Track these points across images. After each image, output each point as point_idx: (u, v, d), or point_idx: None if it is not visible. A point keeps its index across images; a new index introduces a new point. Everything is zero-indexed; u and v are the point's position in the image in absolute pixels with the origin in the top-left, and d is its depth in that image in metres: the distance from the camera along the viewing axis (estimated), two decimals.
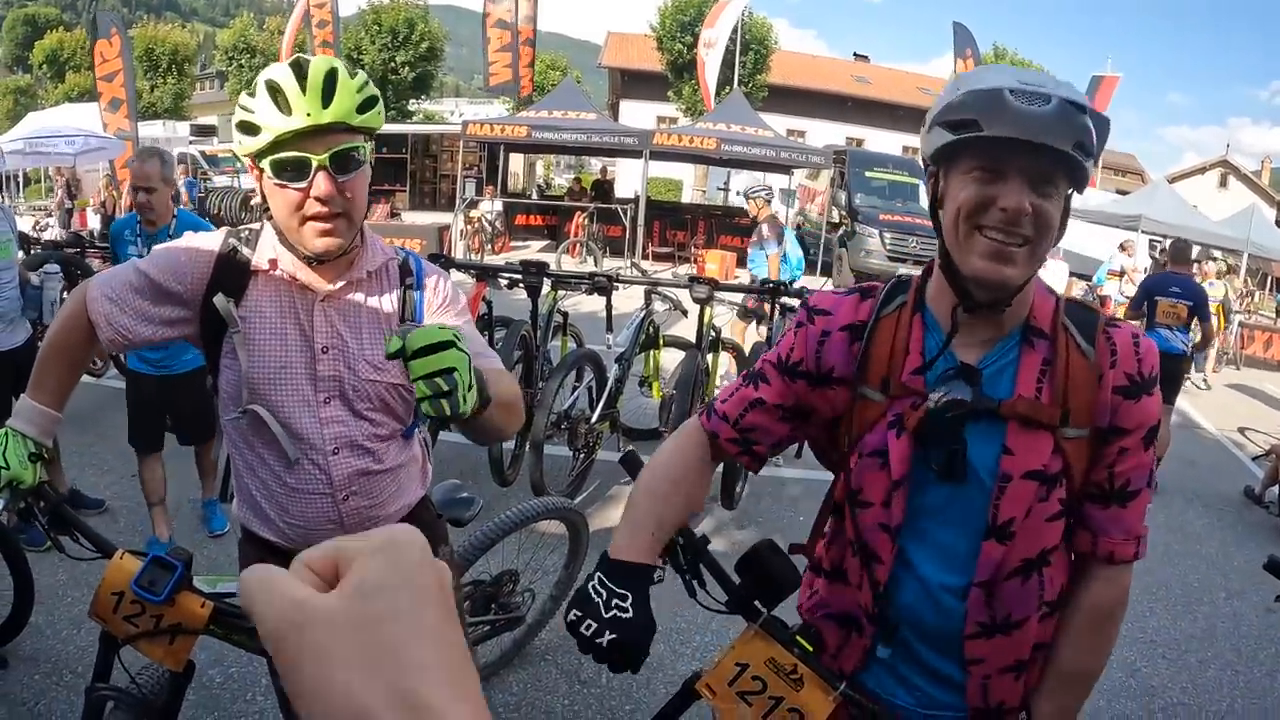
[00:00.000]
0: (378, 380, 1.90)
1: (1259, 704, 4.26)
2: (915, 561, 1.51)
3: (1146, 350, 1.46)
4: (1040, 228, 1.35)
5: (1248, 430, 10.30)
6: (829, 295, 1.63)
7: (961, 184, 1.38)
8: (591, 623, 1.45)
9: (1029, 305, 1.47)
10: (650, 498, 1.61)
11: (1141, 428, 1.44)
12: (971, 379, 1.44)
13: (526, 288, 5.44)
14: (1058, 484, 1.43)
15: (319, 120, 1.66)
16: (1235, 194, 38.73)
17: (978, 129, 1.32)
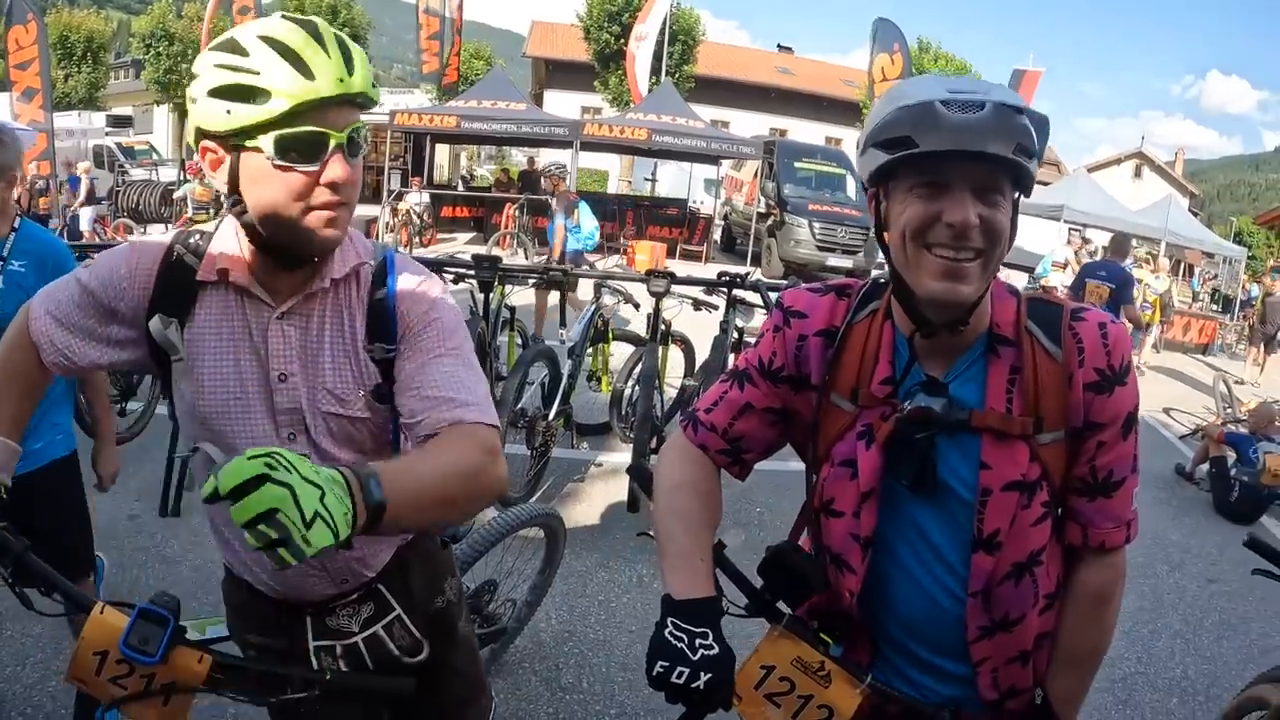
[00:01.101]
0: (341, 414, 1.59)
1: (1209, 668, 4.45)
2: (911, 569, 1.51)
3: (1115, 339, 1.42)
4: (991, 238, 1.31)
5: (1173, 411, 10.70)
6: (803, 295, 1.59)
7: (904, 203, 1.34)
8: (683, 669, 1.35)
9: (989, 313, 1.44)
10: (683, 524, 1.56)
11: (1117, 419, 1.42)
12: (939, 392, 1.42)
13: (479, 283, 5.34)
14: (1038, 489, 1.42)
15: (349, 89, 1.37)
16: (1149, 184, 40.15)
17: (912, 145, 1.27)
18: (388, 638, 1.77)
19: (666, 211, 20.93)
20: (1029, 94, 23.99)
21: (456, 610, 1.96)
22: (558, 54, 36.65)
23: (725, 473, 1.67)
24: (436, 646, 1.86)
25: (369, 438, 1.64)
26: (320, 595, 1.70)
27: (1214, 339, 17.33)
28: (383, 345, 1.57)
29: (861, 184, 1.42)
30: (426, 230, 18.51)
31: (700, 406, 1.68)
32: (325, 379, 1.56)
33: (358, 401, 1.58)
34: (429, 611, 1.85)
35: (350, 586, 1.71)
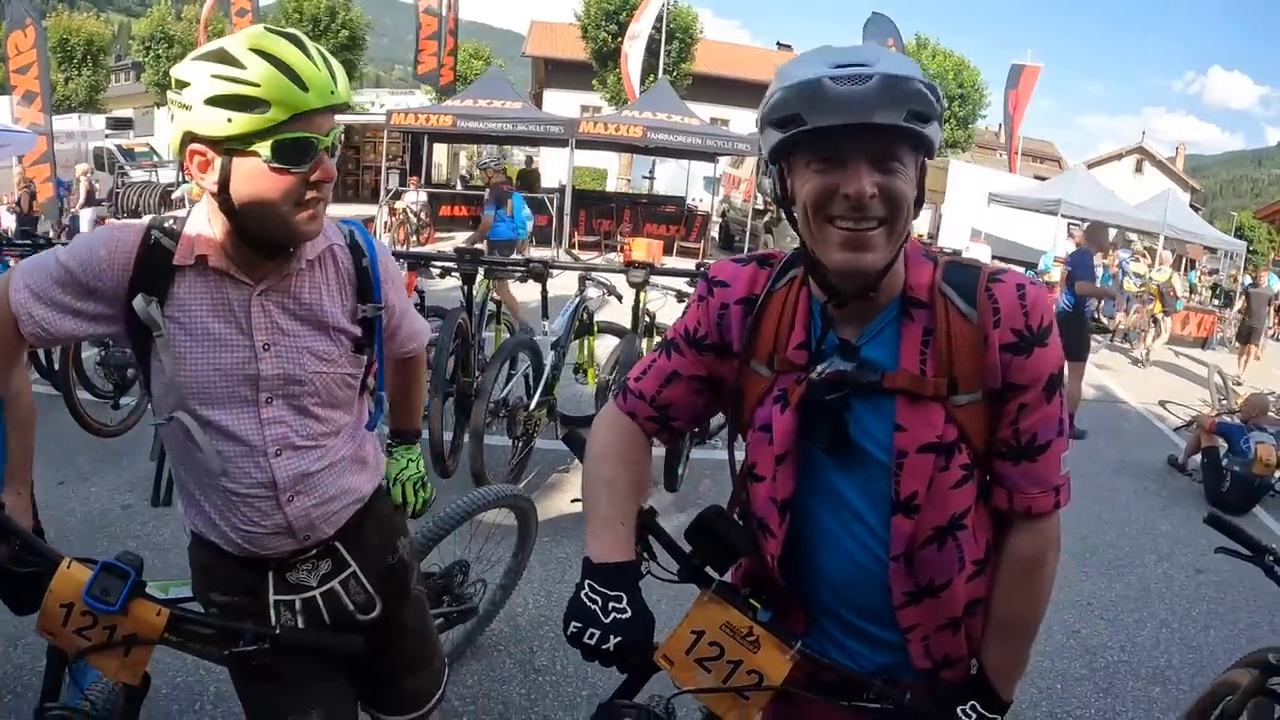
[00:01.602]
0: (326, 372, 1.78)
1: (1194, 658, 4.44)
2: (834, 533, 1.51)
3: (1034, 300, 1.41)
4: (892, 205, 1.32)
5: (1168, 403, 10.68)
6: (728, 265, 1.61)
7: (803, 178, 1.35)
8: (594, 631, 1.43)
9: (902, 278, 1.44)
10: (609, 491, 1.59)
11: (1038, 381, 1.41)
12: (851, 355, 1.43)
13: (461, 275, 5.34)
14: (956, 451, 1.42)
15: (338, 99, 1.57)
16: (1150, 179, 40.12)
17: (802, 123, 1.28)
18: (344, 593, 1.92)
19: (664, 209, 20.92)
20: (1028, 88, 24.00)
21: (409, 569, 2.10)
22: (557, 53, 36.64)
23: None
24: (389, 604, 2.01)
25: (346, 390, 1.85)
26: (283, 551, 1.82)
27: (1213, 333, 17.28)
28: (374, 304, 1.84)
29: (769, 160, 1.42)
30: (424, 229, 18.52)
31: (631, 375, 1.70)
32: (309, 343, 1.75)
33: (341, 358, 1.80)
34: (381, 568, 1.99)
35: (311, 543, 1.84)
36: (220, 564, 1.86)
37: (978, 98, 34.05)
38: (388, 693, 2.11)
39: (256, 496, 1.77)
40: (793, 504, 1.52)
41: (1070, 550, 5.55)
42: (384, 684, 2.10)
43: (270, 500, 1.77)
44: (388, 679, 2.10)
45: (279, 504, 1.78)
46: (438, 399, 4.84)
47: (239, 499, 1.76)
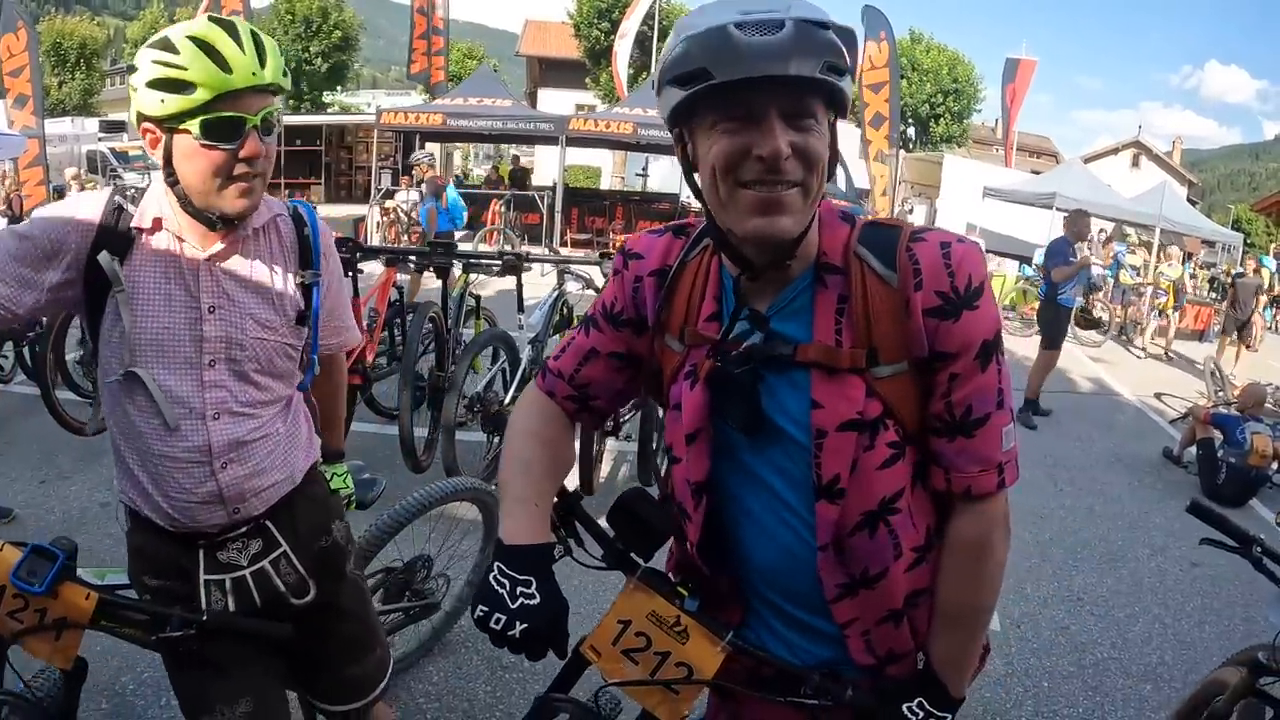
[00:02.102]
0: (266, 339, 1.85)
1: (1188, 654, 4.34)
2: (759, 517, 1.42)
3: (962, 259, 1.28)
4: (808, 166, 1.21)
5: (1164, 395, 10.58)
6: (644, 237, 1.53)
7: (709, 140, 1.23)
8: (500, 616, 1.34)
9: (817, 243, 1.34)
10: (522, 469, 1.52)
11: (969, 348, 1.29)
12: (760, 326, 1.34)
13: (435, 269, 5.24)
14: (881, 428, 1.31)
15: (261, 80, 1.66)
16: (1148, 174, 39.93)
17: (709, 78, 1.16)
18: (274, 573, 1.96)
19: (658, 206, 20.81)
20: (1025, 82, 23.90)
21: (343, 553, 2.13)
22: (550, 52, 36.75)
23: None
24: (324, 588, 2.04)
25: (287, 361, 1.92)
26: (213, 525, 1.86)
27: (1209, 325, 17.18)
28: (312, 271, 1.94)
29: (667, 125, 1.31)
30: (414, 228, 18.44)
31: (553, 354, 1.63)
32: (252, 310, 1.83)
33: (283, 327, 1.87)
34: (314, 550, 2.03)
35: (241, 518, 1.88)
36: (153, 543, 1.89)
37: (972, 92, 34.01)
38: (328, 679, 2.15)
39: (191, 462, 1.80)
40: (709, 486, 1.43)
41: (1062, 544, 5.50)
42: (323, 670, 2.14)
43: (204, 466, 1.81)
44: (327, 665, 2.13)
45: (212, 471, 1.81)
46: (407, 393, 4.75)
47: (173, 464, 1.80)
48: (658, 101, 1.29)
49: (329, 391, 2.27)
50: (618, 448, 6.03)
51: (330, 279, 2.04)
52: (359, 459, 2.52)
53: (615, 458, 5.90)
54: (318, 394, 2.23)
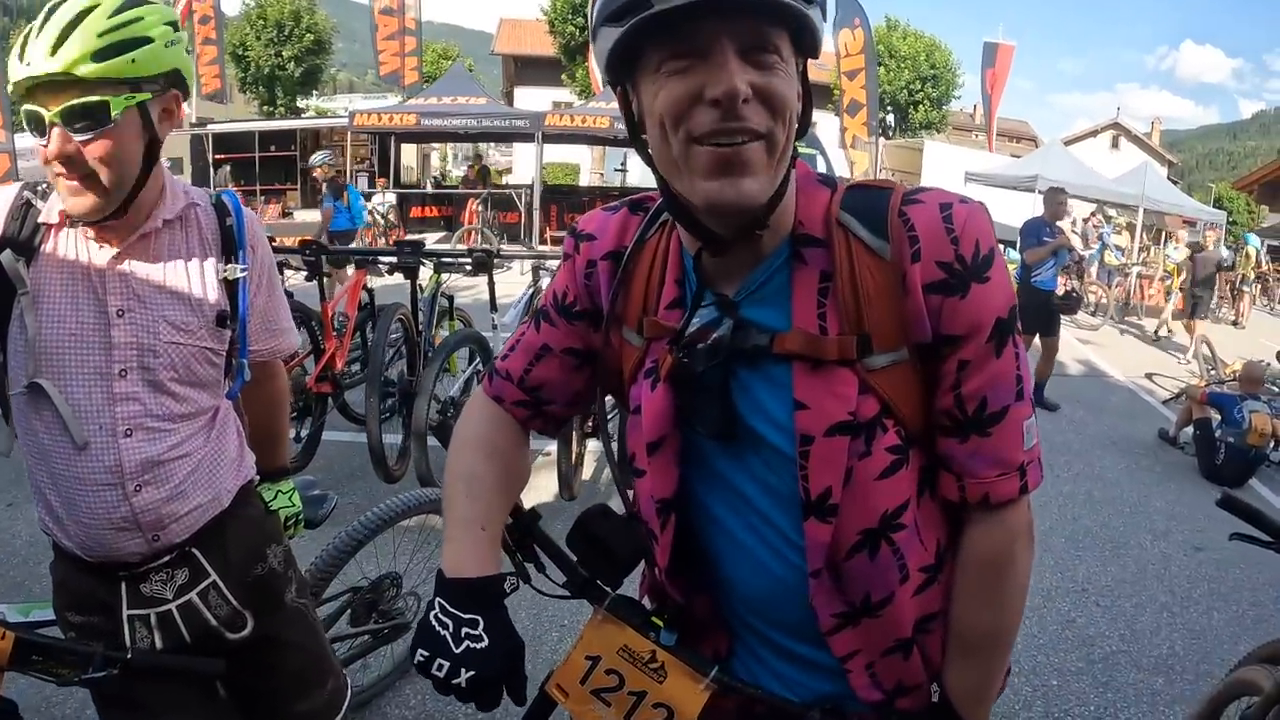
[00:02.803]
0: (182, 344, 1.69)
1: (1198, 644, 4.20)
2: (740, 538, 1.20)
3: (966, 221, 1.07)
4: (774, 109, 1.00)
5: (1155, 375, 10.51)
6: (597, 214, 1.33)
7: (653, 87, 1.03)
8: (443, 662, 1.14)
9: (793, 211, 1.13)
10: (468, 487, 1.30)
11: (980, 329, 1.08)
12: (728, 312, 1.14)
13: (403, 269, 5.04)
14: (879, 430, 1.10)
15: (39, 70, 1.46)
16: (1127, 155, 40.11)
17: (647, 6, 0.96)
18: (203, 606, 1.78)
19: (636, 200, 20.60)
20: (1005, 67, 23.85)
21: (282, 580, 1.94)
22: (526, 50, 36.53)
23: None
24: (263, 620, 1.87)
25: (209, 369, 1.74)
26: (133, 554, 1.70)
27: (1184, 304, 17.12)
28: (237, 265, 1.77)
29: (607, 79, 1.10)
30: (393, 230, 18.28)
31: (500, 353, 1.41)
32: (166, 312, 1.66)
33: (201, 329, 1.70)
34: (248, 579, 1.85)
35: (162, 545, 1.71)
36: (74, 575, 1.76)
37: (950, 79, 33.92)
38: (277, 717, 1.98)
39: (101, 484, 1.64)
40: (677, 503, 1.22)
41: (1062, 533, 5.35)
42: (271, 708, 1.96)
43: (115, 489, 1.65)
44: (274, 701, 1.96)
45: (125, 494, 1.65)
46: (374, 399, 4.54)
47: (82, 487, 1.64)
48: (593, 50, 1.08)
49: (265, 403, 2.06)
50: (599, 448, 5.81)
51: (260, 274, 1.85)
52: (332, 469, 2.33)
53: (599, 459, 5.70)
54: (251, 407, 2.01)
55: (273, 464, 2.11)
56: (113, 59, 1.49)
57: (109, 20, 1.49)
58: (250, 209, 1.87)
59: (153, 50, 1.53)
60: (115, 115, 1.50)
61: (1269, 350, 11.93)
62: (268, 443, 2.08)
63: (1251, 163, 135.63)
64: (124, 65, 1.50)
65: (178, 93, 1.63)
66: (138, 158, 1.57)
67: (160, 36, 1.54)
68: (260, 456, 2.02)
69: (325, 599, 2.68)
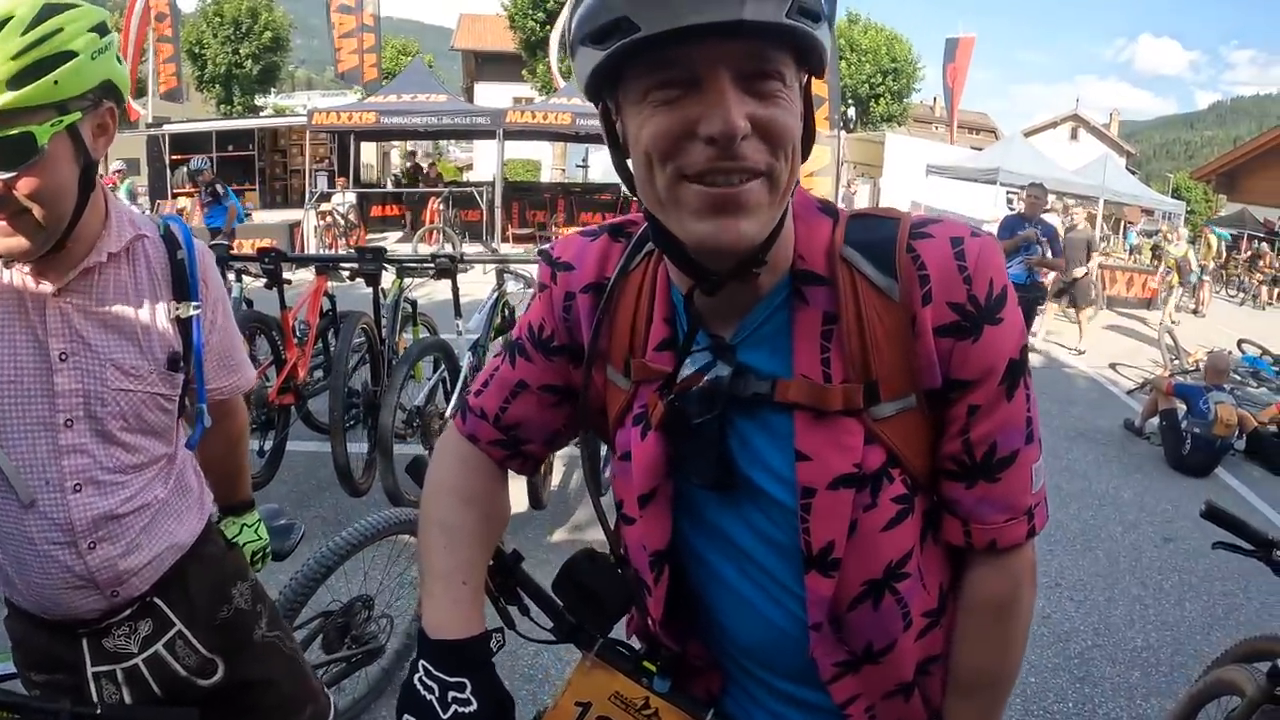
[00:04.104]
0: (131, 390, 1.54)
1: (1171, 634, 4.25)
2: (737, 588, 1.14)
3: (979, 258, 1.00)
4: (775, 147, 0.91)
5: (1119, 365, 10.61)
6: (574, 240, 1.23)
7: (640, 115, 0.93)
8: None
9: (792, 244, 1.05)
10: (447, 539, 1.20)
11: (993, 373, 1.02)
12: (725, 357, 1.06)
13: (364, 276, 4.92)
14: (885, 481, 1.04)
15: None
16: (1086, 146, 40.63)
17: (633, 30, 0.86)
18: (171, 657, 1.69)
19: (599, 197, 20.47)
20: (965, 60, 24.03)
21: (250, 617, 1.84)
22: (486, 45, 36.43)
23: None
24: (234, 663, 1.78)
25: (161, 415, 1.60)
26: (91, 612, 1.59)
27: (1157, 294, 17.34)
28: (190, 303, 1.62)
29: (587, 96, 1.00)
30: (353, 230, 18.06)
31: (473, 387, 1.31)
32: (113, 355, 1.52)
33: (151, 375, 1.56)
34: (215, 623, 1.76)
35: (122, 600, 1.61)
36: (31, 634, 1.63)
37: (911, 72, 34.17)
38: None
39: (52, 543, 1.50)
40: (671, 555, 1.15)
41: None
42: None
43: (68, 548, 1.51)
44: None
45: (78, 552, 1.52)
46: (338, 413, 4.44)
47: (32, 547, 1.51)
48: (574, 70, 0.97)
49: (225, 441, 1.91)
50: (568, 452, 5.73)
51: (214, 311, 1.71)
52: (298, 482, 2.24)
53: (567, 464, 5.63)
54: (210, 446, 1.84)
55: (234, 498, 1.99)
56: (31, 84, 1.30)
57: (23, 38, 1.29)
58: (201, 240, 1.72)
59: (77, 66, 1.35)
60: (43, 145, 1.33)
61: (1230, 339, 12.15)
62: (228, 479, 1.96)
63: (1208, 152, 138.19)
64: (46, 89, 1.32)
65: (112, 105, 1.46)
66: (73, 186, 1.40)
67: (85, 48, 1.36)
68: (220, 493, 1.93)
69: (296, 626, 2.60)
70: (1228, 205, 31.16)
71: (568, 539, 4.59)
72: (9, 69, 1.28)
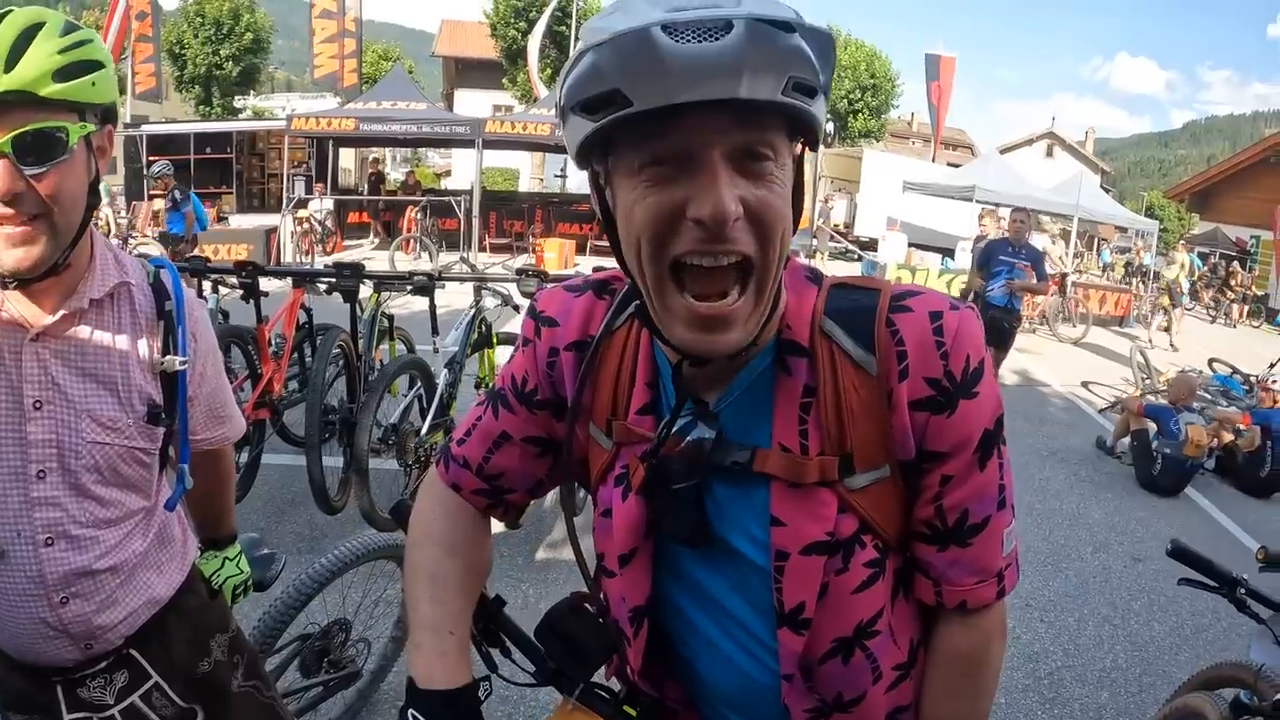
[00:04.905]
0: (108, 444, 1.47)
1: (1140, 655, 4.29)
2: (713, 640, 1.16)
3: (958, 334, 1.01)
4: (764, 231, 0.92)
5: (1091, 384, 10.71)
6: (558, 295, 1.23)
7: (630, 191, 0.92)
8: None
9: (780, 313, 1.06)
10: (433, 588, 1.21)
11: (966, 445, 1.03)
12: (708, 424, 1.07)
13: (341, 292, 4.87)
14: (857, 547, 1.05)
15: (4, 86, 1.24)
16: (1061, 163, 41.12)
17: (625, 104, 0.85)
18: (147, 709, 1.64)
19: (577, 208, 20.39)
20: (949, 79, 24.16)
21: (228, 668, 1.79)
22: (467, 52, 36.34)
23: None
24: (212, 713, 1.73)
25: (136, 468, 1.53)
26: (66, 661, 1.54)
27: (1129, 311, 17.53)
28: (176, 358, 1.55)
29: (576, 162, 0.99)
30: (330, 237, 17.95)
31: (455, 435, 1.32)
32: (90, 405, 1.45)
33: (129, 428, 1.49)
34: (194, 676, 1.71)
35: (97, 652, 1.55)
36: (9, 675, 1.57)
37: (889, 88, 34.40)
38: None
39: (23, 594, 1.45)
40: (650, 610, 1.17)
41: None
42: None
43: (39, 600, 1.45)
44: None
45: (50, 605, 1.46)
46: (315, 434, 4.39)
47: (4, 598, 1.45)
48: (564, 133, 0.96)
49: (211, 482, 1.85)
50: None
51: (203, 365, 1.66)
52: (273, 497, 2.21)
53: None
54: (194, 491, 1.77)
55: (218, 533, 1.95)
56: (76, 79, 1.30)
57: (65, 38, 1.31)
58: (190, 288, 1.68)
59: (106, 76, 1.36)
60: (73, 144, 1.31)
61: (1201, 357, 12.28)
62: (213, 519, 1.93)
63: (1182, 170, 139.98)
64: (86, 88, 1.32)
65: (111, 128, 1.45)
66: (84, 198, 1.38)
67: (108, 63, 1.37)
68: (204, 531, 1.91)
69: (274, 650, 2.58)
70: (1200, 224, 31.54)
71: (544, 558, 4.59)
72: (56, 62, 1.27)
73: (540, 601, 4.05)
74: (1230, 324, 20.94)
